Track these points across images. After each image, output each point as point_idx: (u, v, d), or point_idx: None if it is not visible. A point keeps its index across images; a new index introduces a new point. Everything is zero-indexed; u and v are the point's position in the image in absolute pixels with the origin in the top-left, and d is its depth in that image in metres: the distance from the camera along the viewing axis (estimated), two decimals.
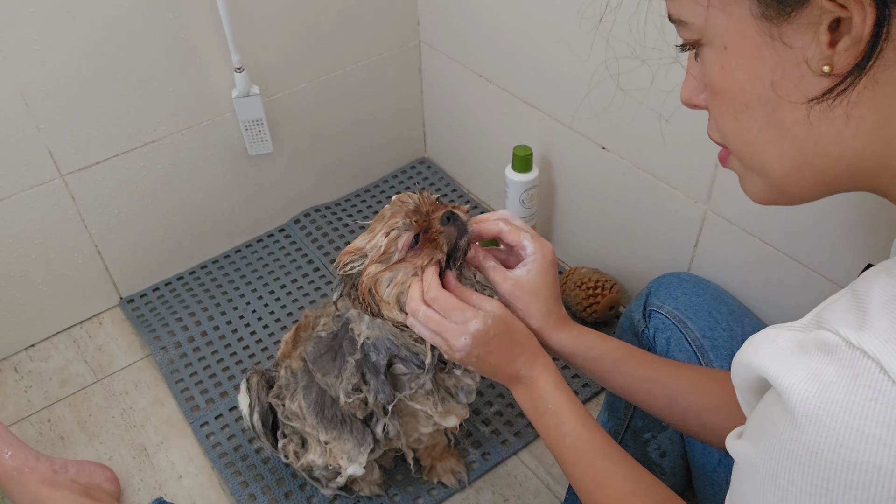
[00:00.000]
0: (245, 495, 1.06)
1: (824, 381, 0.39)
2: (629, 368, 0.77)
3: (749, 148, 0.52)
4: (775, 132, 0.49)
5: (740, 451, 0.45)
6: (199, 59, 1.19)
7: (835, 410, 0.38)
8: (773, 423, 0.41)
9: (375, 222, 0.81)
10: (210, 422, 1.16)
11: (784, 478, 0.40)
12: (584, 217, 1.27)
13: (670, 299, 0.93)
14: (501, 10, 1.20)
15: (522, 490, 1.06)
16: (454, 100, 1.44)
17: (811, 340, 0.41)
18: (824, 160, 0.48)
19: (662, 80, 0.95)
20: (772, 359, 0.42)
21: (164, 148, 1.24)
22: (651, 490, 0.66)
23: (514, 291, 0.76)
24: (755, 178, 0.54)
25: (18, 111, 1.08)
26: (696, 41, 0.51)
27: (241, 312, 1.32)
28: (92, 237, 1.25)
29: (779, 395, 0.41)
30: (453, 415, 0.89)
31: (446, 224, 0.76)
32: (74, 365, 1.26)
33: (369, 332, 0.84)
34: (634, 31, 0.93)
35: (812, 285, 0.93)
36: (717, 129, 0.54)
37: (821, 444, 0.38)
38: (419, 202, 0.79)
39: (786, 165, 0.50)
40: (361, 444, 0.91)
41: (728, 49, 0.48)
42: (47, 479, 1.00)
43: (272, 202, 1.44)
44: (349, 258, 0.80)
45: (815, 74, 0.45)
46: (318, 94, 1.36)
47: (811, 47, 0.44)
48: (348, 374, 0.87)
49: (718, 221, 1.02)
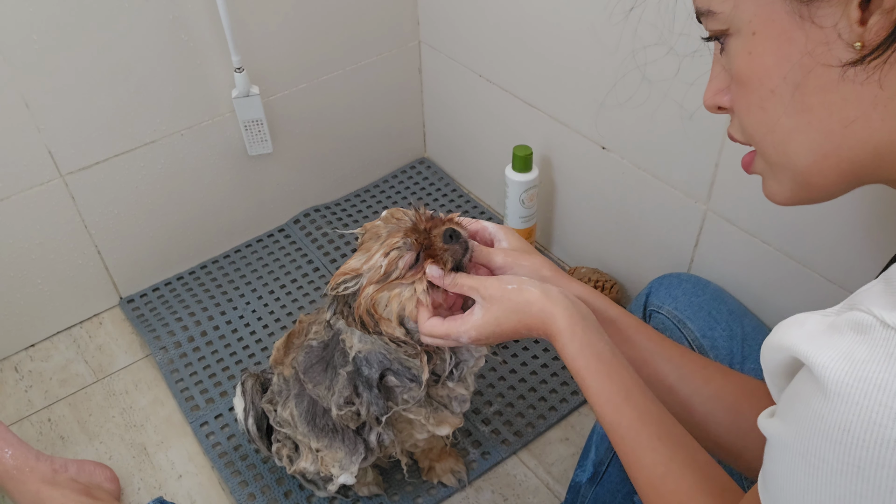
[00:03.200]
0: (245, 495, 1.06)
1: (857, 360, 0.39)
2: (642, 339, 0.75)
3: (774, 138, 0.52)
4: (802, 117, 0.49)
5: (772, 429, 0.45)
6: (199, 59, 1.19)
7: (868, 388, 0.38)
8: (805, 402, 0.41)
9: (369, 241, 0.79)
10: (210, 421, 1.16)
11: (815, 455, 0.40)
12: (584, 217, 1.27)
13: (670, 299, 0.93)
14: (501, 10, 1.20)
15: (522, 489, 1.06)
16: (454, 99, 1.44)
17: (843, 321, 0.41)
18: (851, 145, 0.48)
19: (666, 80, 0.95)
20: (804, 339, 0.42)
21: (164, 148, 1.24)
22: (686, 471, 0.60)
23: (510, 256, 0.76)
24: (780, 173, 0.53)
25: (18, 111, 1.08)
26: (724, 31, 0.51)
27: (241, 312, 1.32)
28: (92, 237, 1.25)
29: (811, 373, 0.41)
30: (447, 424, 0.88)
31: (450, 242, 0.75)
32: (74, 365, 1.26)
33: (361, 345, 0.83)
34: (638, 32, 0.93)
35: (812, 285, 0.93)
36: (741, 126, 0.54)
37: (853, 422, 0.38)
38: (415, 219, 0.77)
39: (812, 154, 0.50)
40: (353, 453, 0.91)
41: (757, 34, 0.49)
42: (47, 479, 1.00)
43: (272, 202, 1.44)
44: (342, 279, 0.78)
45: (846, 52, 0.45)
46: (318, 94, 1.36)
47: (841, 25, 0.44)
48: (340, 387, 0.85)
49: (718, 221, 1.02)
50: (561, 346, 0.67)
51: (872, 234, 0.85)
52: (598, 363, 0.65)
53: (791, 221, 0.93)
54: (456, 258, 0.75)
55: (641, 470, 0.61)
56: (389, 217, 0.79)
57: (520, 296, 0.70)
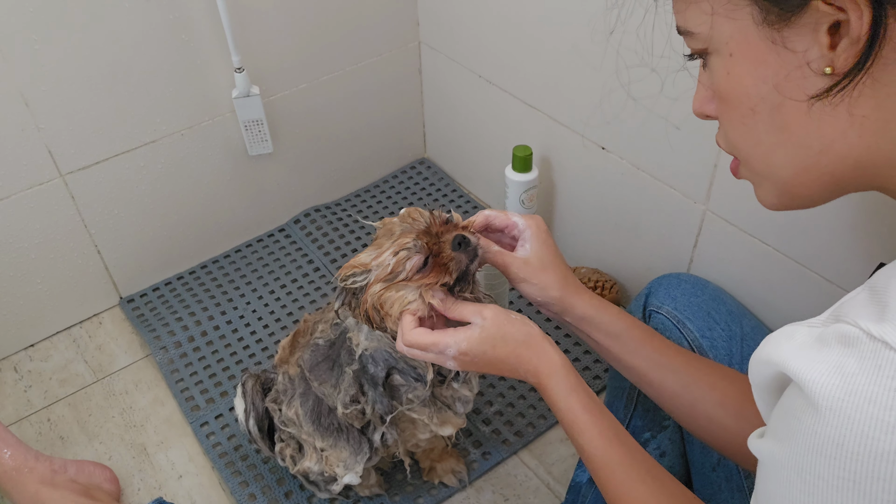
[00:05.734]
0: (245, 495, 1.06)
1: (847, 373, 0.39)
2: (647, 350, 0.76)
3: (756, 151, 0.53)
4: (781, 134, 0.50)
5: (764, 449, 0.45)
6: (199, 59, 1.19)
7: (859, 402, 0.38)
8: (797, 418, 0.41)
9: (382, 238, 0.79)
10: (210, 422, 1.16)
11: (810, 472, 0.40)
12: (584, 217, 1.27)
13: (669, 300, 0.93)
14: (501, 10, 1.20)
15: (523, 489, 1.06)
16: (454, 100, 1.44)
17: (831, 334, 0.41)
18: (830, 160, 0.49)
19: (670, 84, 0.95)
20: (792, 354, 0.42)
21: (164, 148, 1.24)
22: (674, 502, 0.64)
23: (525, 269, 0.77)
24: (764, 183, 0.55)
25: (18, 111, 1.08)
26: (704, 50, 0.52)
27: (241, 312, 1.32)
28: (92, 237, 1.25)
29: (801, 389, 0.41)
30: (450, 424, 0.89)
31: (458, 250, 0.75)
32: (74, 365, 1.26)
33: (367, 343, 0.83)
34: (642, 38, 0.93)
35: (811, 285, 0.94)
36: (726, 138, 0.55)
37: (846, 436, 0.38)
38: (430, 222, 0.77)
39: (793, 167, 0.51)
40: (358, 452, 0.91)
41: (734, 55, 0.50)
42: (46, 479, 1.00)
43: (272, 202, 1.44)
44: (351, 272, 0.78)
45: (818, 76, 0.46)
46: (318, 94, 1.36)
47: (812, 50, 0.45)
48: (346, 385, 0.86)
49: (718, 222, 1.02)
50: (555, 382, 0.70)
51: (871, 235, 0.85)
52: (591, 401, 0.69)
53: (790, 222, 0.93)
54: (461, 267, 0.75)
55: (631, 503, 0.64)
56: (406, 216, 0.79)
57: (522, 327, 0.72)
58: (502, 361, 0.72)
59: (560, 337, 1.23)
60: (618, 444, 0.67)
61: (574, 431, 0.68)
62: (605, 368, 1.18)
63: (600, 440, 0.67)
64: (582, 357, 1.21)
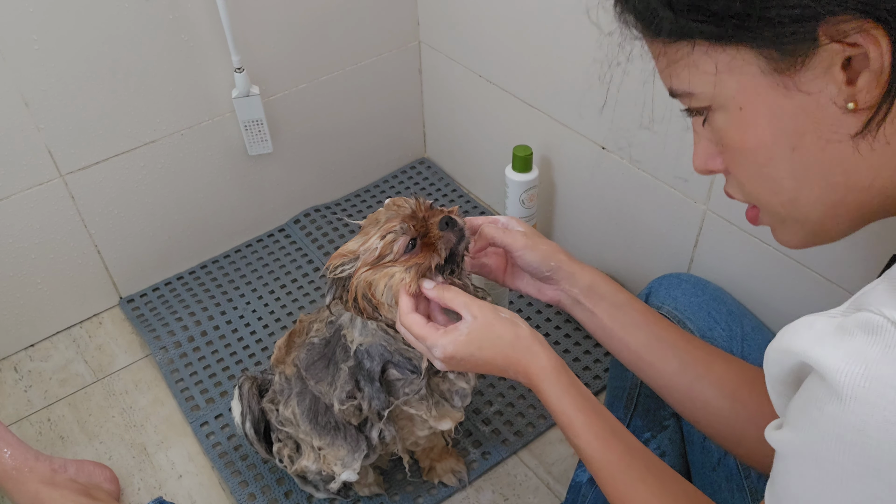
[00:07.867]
0: (245, 495, 1.06)
1: (870, 360, 0.39)
2: (648, 324, 0.76)
3: (780, 199, 0.52)
4: (804, 176, 0.49)
5: (783, 440, 0.44)
6: (199, 59, 1.19)
7: (882, 388, 0.38)
8: (818, 407, 0.41)
9: (369, 226, 0.80)
10: (210, 421, 1.16)
11: (830, 461, 0.40)
12: (584, 217, 1.27)
13: (670, 299, 0.93)
14: (501, 10, 1.20)
15: (522, 489, 1.06)
16: (454, 100, 1.44)
17: (852, 323, 0.41)
18: (856, 192, 0.49)
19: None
20: (813, 342, 0.42)
21: (164, 148, 1.24)
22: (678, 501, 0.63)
23: (525, 239, 0.80)
24: (792, 226, 0.54)
25: (18, 111, 1.08)
26: (706, 108, 0.51)
27: (241, 312, 1.32)
28: (92, 237, 1.25)
29: (822, 377, 0.41)
30: (448, 418, 0.89)
31: (444, 229, 0.76)
32: (74, 365, 1.26)
33: (362, 338, 0.83)
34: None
35: (811, 285, 0.93)
36: (741, 189, 0.54)
37: (868, 423, 0.38)
38: (415, 207, 0.78)
39: (822, 206, 0.50)
40: (355, 450, 0.91)
41: (744, 109, 0.49)
42: (47, 479, 1.00)
43: (272, 202, 1.44)
44: (340, 261, 0.79)
45: (842, 113, 0.45)
46: (318, 94, 1.36)
47: (829, 88, 0.45)
48: (342, 382, 0.86)
49: (718, 222, 1.02)
50: (547, 385, 0.69)
51: (871, 235, 0.85)
52: (585, 401, 0.68)
53: None
54: (449, 245, 0.76)
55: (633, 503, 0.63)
56: (391, 205, 0.80)
57: (512, 327, 0.72)
58: (490, 363, 0.72)
59: (560, 337, 1.23)
60: (615, 444, 0.66)
61: (570, 433, 0.68)
62: (605, 368, 1.18)
63: (597, 441, 0.66)
64: (582, 357, 1.21)
